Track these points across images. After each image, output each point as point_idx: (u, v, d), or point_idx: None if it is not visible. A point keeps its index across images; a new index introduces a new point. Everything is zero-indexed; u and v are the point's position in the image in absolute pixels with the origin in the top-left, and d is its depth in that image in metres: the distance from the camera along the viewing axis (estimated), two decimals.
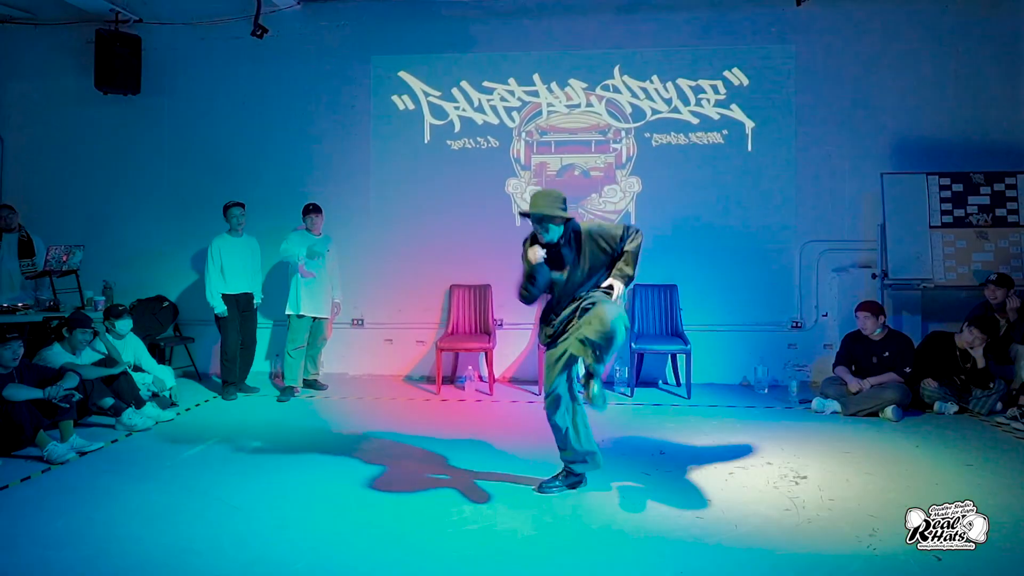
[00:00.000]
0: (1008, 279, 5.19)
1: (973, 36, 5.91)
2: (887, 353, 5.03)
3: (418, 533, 3.03)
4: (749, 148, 6.09)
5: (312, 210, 5.64)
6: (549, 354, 3.42)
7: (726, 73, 6.08)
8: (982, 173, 5.67)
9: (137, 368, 5.07)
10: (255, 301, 5.72)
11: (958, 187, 5.66)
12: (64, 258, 5.65)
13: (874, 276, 5.80)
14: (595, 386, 3.21)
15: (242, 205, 5.61)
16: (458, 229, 6.29)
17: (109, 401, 4.57)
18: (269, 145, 6.46)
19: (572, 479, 3.54)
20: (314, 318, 5.66)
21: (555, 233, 3.27)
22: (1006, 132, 5.90)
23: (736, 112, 6.08)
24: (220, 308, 5.47)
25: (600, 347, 3.08)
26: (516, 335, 6.24)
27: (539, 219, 3.23)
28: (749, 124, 6.08)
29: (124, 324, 5.06)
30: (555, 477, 3.54)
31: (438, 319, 6.35)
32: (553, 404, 3.41)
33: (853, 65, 6.00)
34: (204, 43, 6.48)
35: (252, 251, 5.70)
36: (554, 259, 3.31)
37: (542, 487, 3.52)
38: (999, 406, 4.88)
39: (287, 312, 5.58)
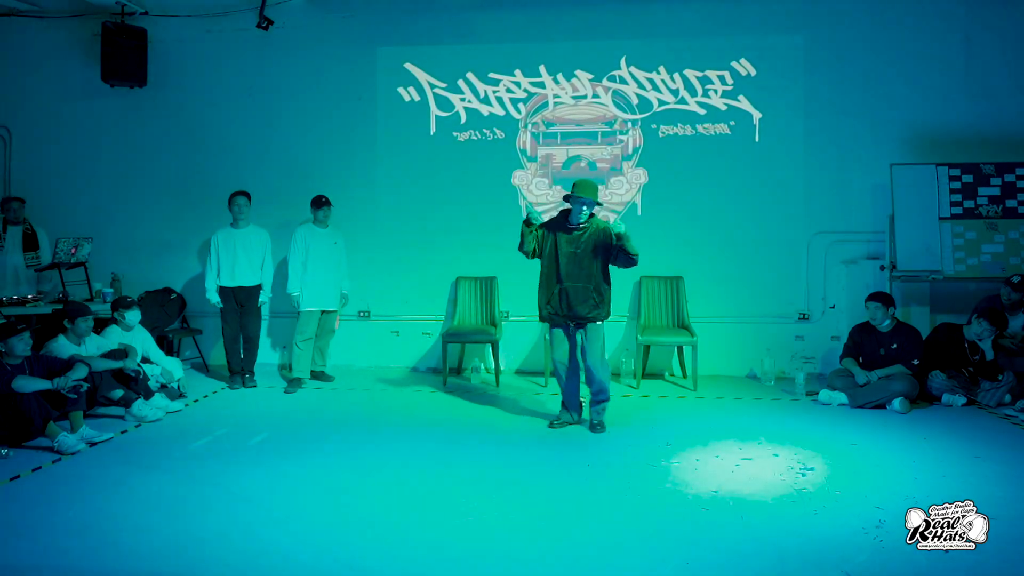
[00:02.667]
0: None
1: (983, 25, 5.83)
2: (895, 345, 5.01)
3: (424, 525, 3.05)
4: (757, 139, 6.05)
5: (324, 203, 5.62)
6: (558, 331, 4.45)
7: (733, 63, 6.04)
8: (992, 164, 5.62)
9: (146, 359, 5.10)
10: (262, 296, 5.65)
11: (968, 178, 5.61)
12: (72, 251, 5.68)
13: (883, 268, 5.76)
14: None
15: (246, 194, 5.58)
16: (464, 221, 6.29)
17: (119, 392, 4.60)
18: (275, 137, 6.47)
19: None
20: (323, 311, 5.67)
21: (585, 215, 4.25)
22: (1017, 122, 5.83)
23: (743, 103, 6.04)
24: (215, 299, 5.50)
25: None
26: (522, 327, 6.23)
27: (578, 197, 4.21)
28: (756, 115, 6.04)
29: (133, 316, 5.09)
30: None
31: (444, 311, 6.35)
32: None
33: (862, 55, 5.94)
34: (210, 35, 6.48)
35: (258, 244, 5.62)
36: (574, 239, 4.27)
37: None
38: (1008, 398, 4.85)
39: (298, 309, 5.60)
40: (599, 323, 4.38)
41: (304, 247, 5.56)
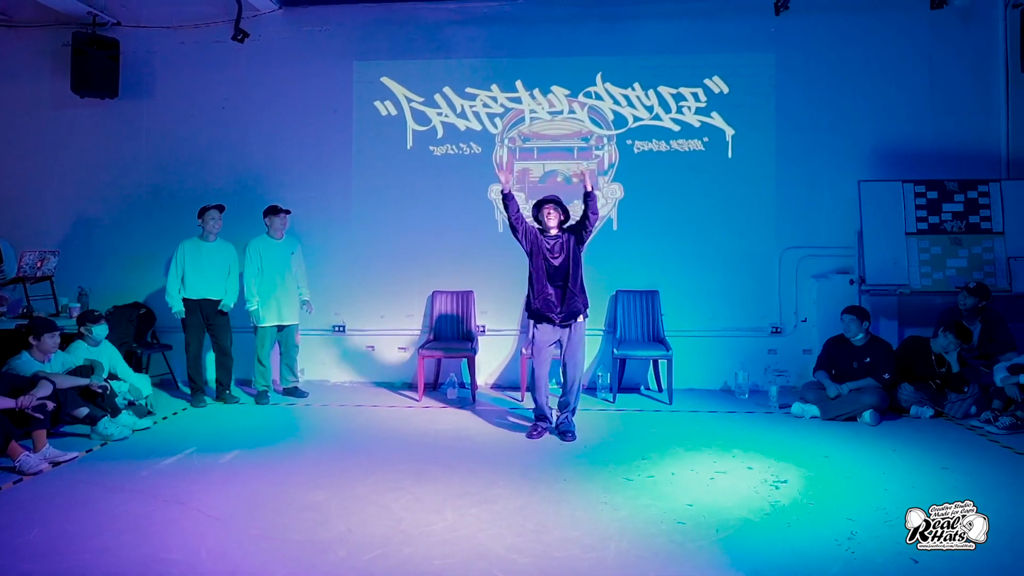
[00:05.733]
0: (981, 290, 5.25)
1: (948, 46, 6.02)
2: (868, 359, 5.09)
3: (399, 542, 3.01)
4: (730, 155, 6.15)
5: (271, 212, 5.52)
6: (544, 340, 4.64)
7: (707, 81, 6.14)
8: (956, 181, 5.78)
9: (113, 376, 4.99)
10: (222, 305, 5.50)
11: (933, 195, 5.76)
12: (38, 264, 5.55)
13: (852, 282, 5.88)
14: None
15: (221, 208, 5.52)
16: (440, 235, 6.28)
17: (84, 410, 4.48)
18: (249, 150, 6.41)
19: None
20: (279, 326, 5.59)
21: (555, 226, 4.59)
22: (980, 141, 6.02)
23: (717, 120, 6.15)
24: (177, 307, 5.36)
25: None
26: (499, 341, 6.23)
27: (549, 201, 4.58)
28: (729, 131, 6.14)
29: (100, 330, 4.97)
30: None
31: (420, 325, 6.32)
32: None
33: (831, 74, 6.09)
34: (183, 47, 6.42)
35: (225, 257, 5.53)
36: (552, 247, 4.56)
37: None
38: (974, 409, 4.95)
39: (254, 323, 5.51)
40: (582, 320, 4.63)
41: (258, 260, 5.48)
